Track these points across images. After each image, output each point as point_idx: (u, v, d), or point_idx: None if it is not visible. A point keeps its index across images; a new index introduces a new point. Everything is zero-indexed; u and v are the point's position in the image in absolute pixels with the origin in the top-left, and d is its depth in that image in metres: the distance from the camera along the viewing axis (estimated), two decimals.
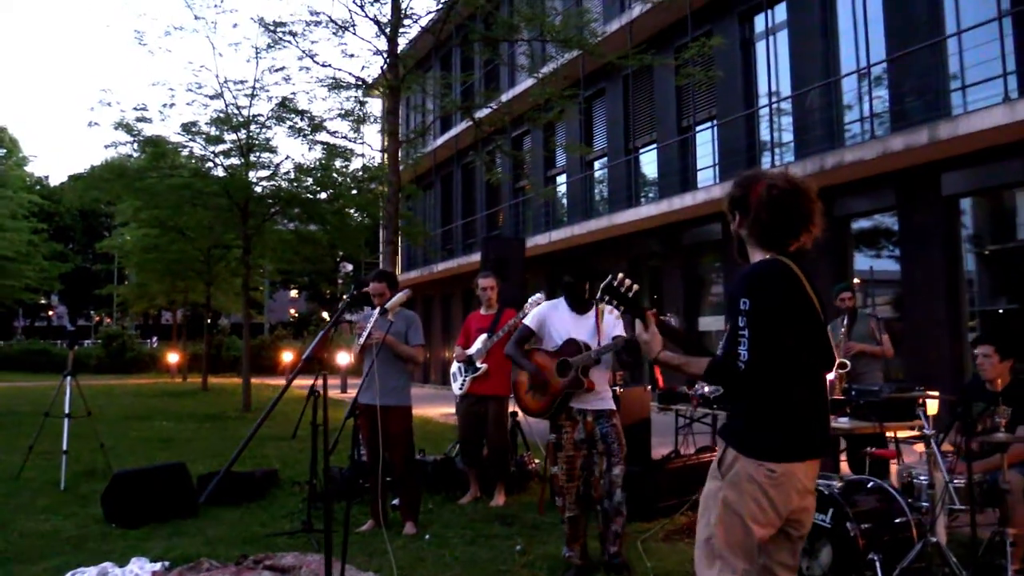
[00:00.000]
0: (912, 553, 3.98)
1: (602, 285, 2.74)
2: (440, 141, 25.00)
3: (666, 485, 6.12)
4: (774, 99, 14.12)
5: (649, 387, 7.05)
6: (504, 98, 16.92)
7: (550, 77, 11.14)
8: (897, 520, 4.19)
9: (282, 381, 5.47)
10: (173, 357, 28.20)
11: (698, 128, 15.82)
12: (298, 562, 4.91)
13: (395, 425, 5.77)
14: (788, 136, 13.89)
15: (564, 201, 20.36)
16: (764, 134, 14.45)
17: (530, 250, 19.38)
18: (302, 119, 13.64)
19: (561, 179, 20.62)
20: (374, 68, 10.25)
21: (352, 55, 12.81)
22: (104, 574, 4.36)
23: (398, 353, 5.72)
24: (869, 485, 4.42)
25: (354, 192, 16.09)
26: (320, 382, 5.54)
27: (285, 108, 13.38)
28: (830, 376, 6.36)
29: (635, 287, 2.75)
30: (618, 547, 4.67)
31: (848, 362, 6.50)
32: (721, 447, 2.66)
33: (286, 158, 15.13)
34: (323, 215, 15.55)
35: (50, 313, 52.15)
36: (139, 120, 13.56)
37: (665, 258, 16.44)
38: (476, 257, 21.74)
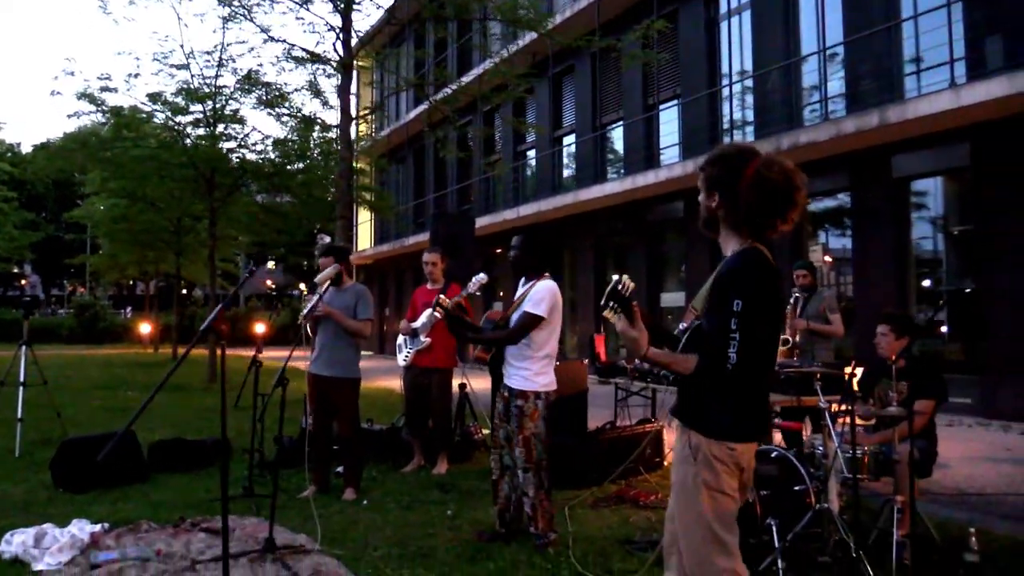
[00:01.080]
0: (805, 519, 4.23)
1: (607, 291, 2.64)
2: (412, 115, 24.98)
3: (600, 455, 6.36)
4: (736, 79, 14.30)
5: (587, 360, 7.26)
6: (467, 77, 16.96)
7: (515, 55, 11.24)
8: (796, 488, 4.44)
9: (252, 353, 5.67)
10: (145, 328, 28.20)
11: (663, 107, 15.98)
12: (235, 525, 5.11)
13: (341, 396, 5.97)
14: (750, 116, 14.09)
15: (536, 176, 20.50)
16: (727, 113, 14.64)
17: (498, 225, 19.65)
18: (267, 92, 13.63)
19: (532, 154, 20.74)
20: (329, 44, 10.29)
21: (312, 30, 12.78)
22: (42, 535, 4.52)
23: (345, 327, 5.90)
24: (773, 454, 4.66)
25: (321, 164, 16.10)
26: (262, 354, 5.76)
27: (249, 80, 13.37)
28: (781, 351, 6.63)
29: (632, 286, 2.68)
30: (535, 526, 4.66)
31: (790, 339, 6.73)
32: (681, 432, 2.70)
33: (252, 129, 15.09)
34: (290, 187, 15.61)
35: (23, 283, 51.70)
36: (103, 90, 13.51)
37: (630, 235, 16.65)
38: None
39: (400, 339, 7.09)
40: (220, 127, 14.69)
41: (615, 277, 2.63)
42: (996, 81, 9.18)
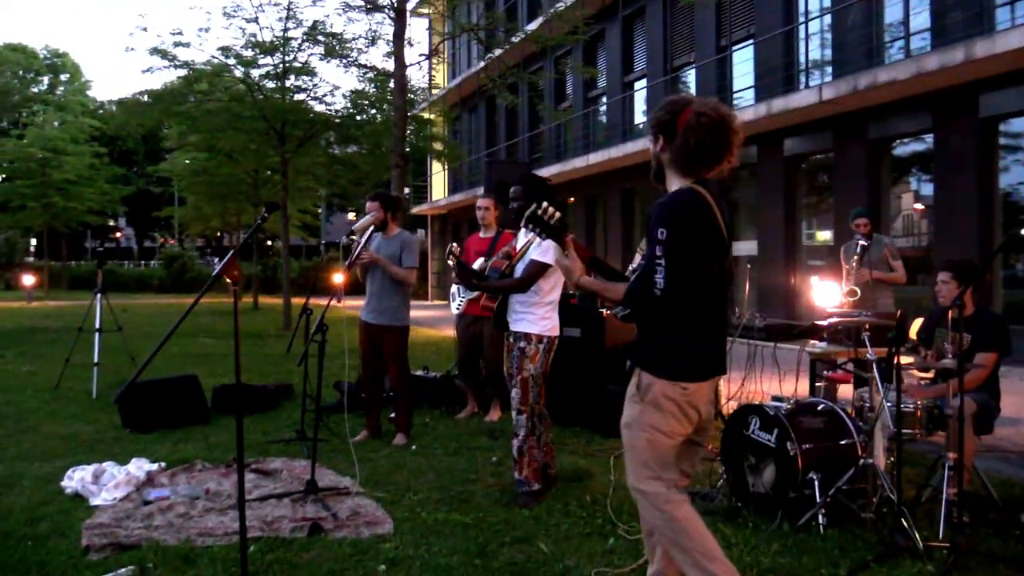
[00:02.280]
0: (847, 475, 4.09)
1: (526, 214, 2.87)
2: (483, 63, 24.72)
3: None
4: (813, 16, 13.61)
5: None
6: (535, 24, 16.60)
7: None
8: (843, 442, 4.29)
9: (332, 302, 5.80)
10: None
11: (736, 47, 15.37)
12: (284, 467, 5.27)
13: (389, 344, 6.04)
14: (828, 55, 13.42)
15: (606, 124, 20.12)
16: (803, 53, 13.98)
17: (568, 173, 19.42)
18: (333, 42, 13.68)
19: (604, 101, 20.33)
20: None
21: None
22: (101, 472, 4.75)
23: (390, 274, 5.93)
24: (819, 407, 4.51)
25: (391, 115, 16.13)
26: (314, 302, 5.85)
27: (315, 31, 13.44)
28: (841, 302, 6.38)
29: (557, 215, 2.88)
30: (519, 471, 4.59)
31: (858, 289, 6.45)
32: (635, 372, 2.78)
33: (321, 81, 15.20)
34: (358, 138, 15.73)
35: (117, 235, 54.04)
36: (176, 45, 13.79)
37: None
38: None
39: (453, 288, 7.10)
40: (291, 79, 14.88)
41: (534, 205, 2.86)
42: None
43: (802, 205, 14.14)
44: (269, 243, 37.46)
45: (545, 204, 2.88)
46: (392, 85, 12.80)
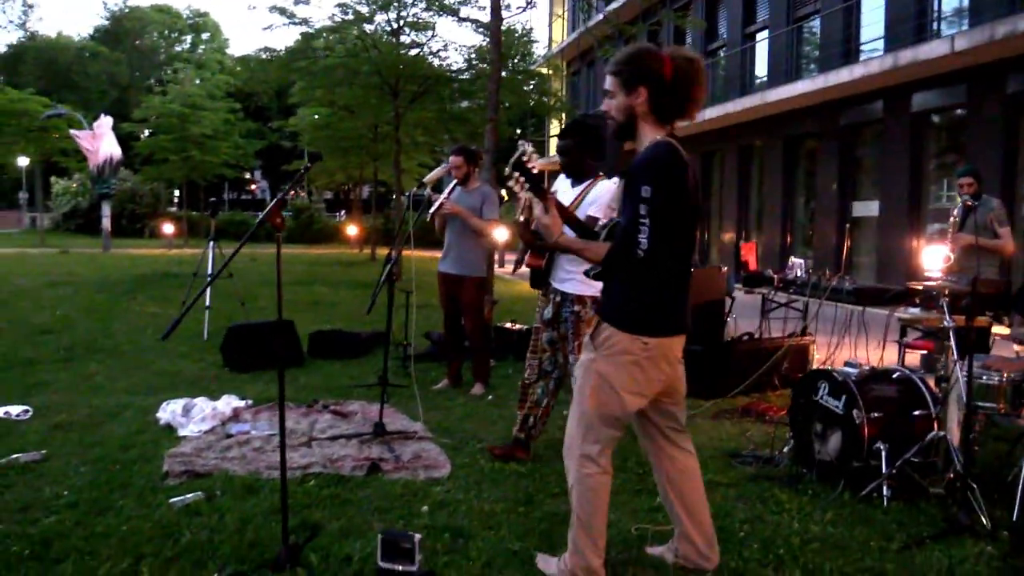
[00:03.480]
0: (916, 447, 3.89)
1: (512, 160, 2.82)
2: (599, 17, 24.28)
3: (733, 366, 6.15)
4: None
5: (725, 268, 6.93)
6: None
7: None
8: (916, 412, 4.07)
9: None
10: (352, 230, 30.18)
11: None
12: (361, 410, 5.49)
13: (467, 294, 6.15)
14: (964, 2, 12.42)
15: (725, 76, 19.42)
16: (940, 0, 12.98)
17: (683, 130, 18.85)
18: None
19: (723, 53, 19.61)
20: None
21: None
22: (191, 406, 5.10)
23: (470, 226, 6.01)
24: (895, 375, 4.29)
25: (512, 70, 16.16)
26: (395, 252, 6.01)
27: None
28: (934, 265, 6.02)
29: (537, 166, 2.85)
30: (517, 428, 4.56)
31: (951, 254, 6.04)
32: (596, 322, 2.78)
33: (434, 36, 15.34)
34: (471, 93, 15.84)
35: (253, 187, 56.73)
36: (296, 2, 14.22)
37: (821, 138, 15.47)
38: None
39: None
40: (406, 35, 15.12)
41: (521, 144, 2.77)
42: None
43: (930, 165, 13.26)
44: (395, 196, 38.41)
45: (528, 147, 2.83)
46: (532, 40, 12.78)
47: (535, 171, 2.82)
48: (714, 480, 4.15)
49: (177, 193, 39.92)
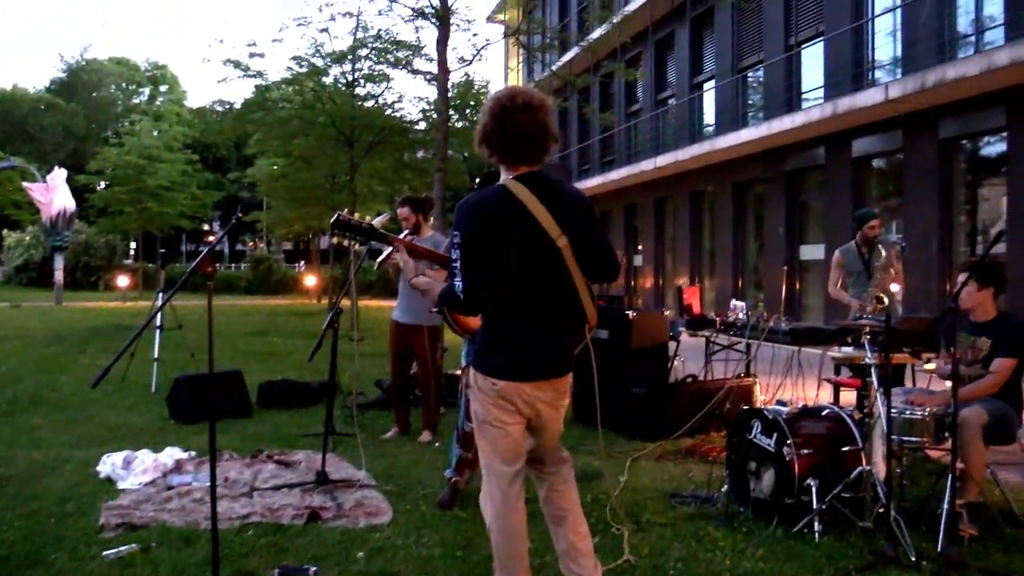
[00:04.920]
0: (843, 482, 4.00)
1: (331, 222, 3.18)
2: (555, 67, 24.86)
3: (678, 409, 6.23)
4: (882, 12, 13.19)
5: (667, 312, 7.08)
6: (596, 33, 16.56)
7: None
8: (844, 448, 4.19)
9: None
10: (310, 280, 30.07)
11: (805, 46, 15.00)
12: (306, 459, 5.47)
13: (420, 343, 6.19)
14: (898, 52, 12.96)
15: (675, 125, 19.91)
16: (877, 50, 13.53)
17: (635, 176, 19.33)
18: (398, 49, 14.02)
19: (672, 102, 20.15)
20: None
21: None
22: (132, 458, 5.04)
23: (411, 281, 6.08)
24: (824, 412, 4.42)
25: (458, 123, 16.43)
26: (344, 303, 6.04)
27: (380, 40, 13.82)
28: (869, 309, 6.22)
29: (366, 220, 3.16)
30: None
31: (885, 297, 6.25)
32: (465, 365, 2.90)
33: (387, 88, 15.60)
34: (425, 144, 16.06)
35: (210, 238, 56.36)
36: (251, 56, 14.38)
37: (768, 183, 15.90)
38: (591, 181, 21.76)
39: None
40: (368, 87, 15.35)
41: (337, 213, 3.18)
42: None
43: (872, 208, 13.67)
44: (347, 245, 38.26)
45: (345, 211, 3.12)
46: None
47: (364, 224, 3.00)
48: (652, 520, 4.22)
49: (133, 245, 39.49)
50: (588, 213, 2.84)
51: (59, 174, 25.18)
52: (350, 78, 15.20)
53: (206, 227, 50.07)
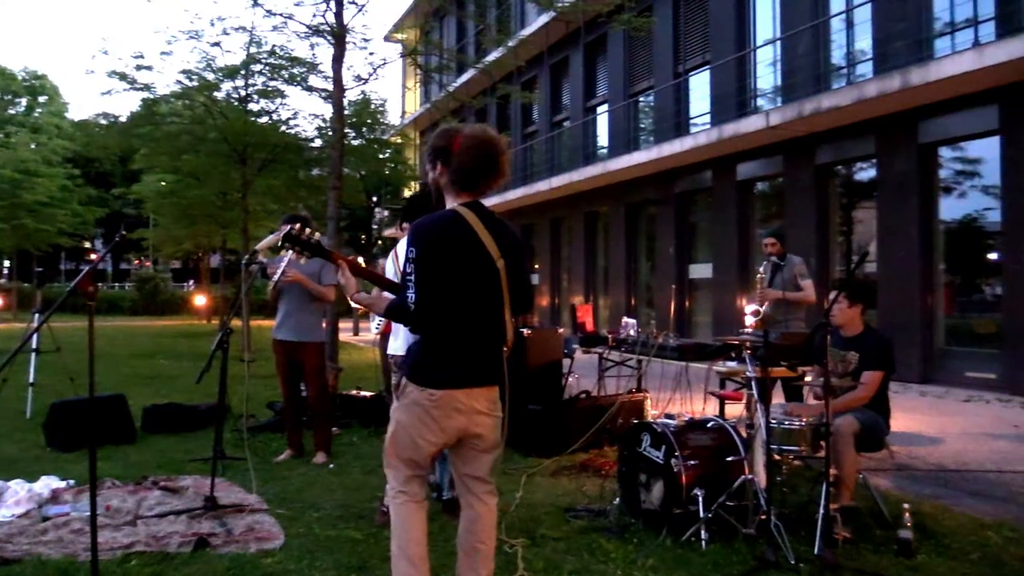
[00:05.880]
0: (728, 491, 4.17)
1: (282, 235, 3.18)
2: (453, 87, 24.99)
3: (572, 425, 6.33)
4: (763, 43, 13.90)
5: (562, 329, 7.23)
6: (492, 56, 16.80)
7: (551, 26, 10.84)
8: (729, 459, 4.37)
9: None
10: (200, 300, 29.11)
11: (693, 73, 15.64)
12: (194, 484, 5.29)
13: (309, 360, 6.12)
14: (779, 82, 13.68)
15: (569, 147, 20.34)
16: (759, 79, 14.23)
17: (531, 197, 19.61)
18: (293, 66, 13.82)
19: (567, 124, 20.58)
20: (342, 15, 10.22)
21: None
22: (4, 488, 4.77)
23: (311, 291, 6.02)
24: (710, 424, 4.60)
25: (355, 141, 16.31)
26: (235, 322, 5.89)
27: (274, 55, 13.59)
28: (753, 322, 6.50)
29: (316, 235, 3.16)
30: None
31: (760, 308, 6.57)
32: (398, 374, 2.99)
33: (281, 105, 15.33)
34: (320, 161, 15.84)
35: (92, 257, 53.82)
36: (137, 68, 13.86)
37: (659, 204, 16.42)
38: (489, 201, 21.96)
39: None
40: (262, 103, 15.01)
41: (290, 227, 3.14)
42: (1022, 39, 8.71)
43: (756, 229, 14.33)
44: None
45: (298, 226, 3.14)
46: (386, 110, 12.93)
47: (313, 240, 3.05)
48: (547, 535, 4.28)
49: (8, 263, 37.24)
50: (520, 245, 3.11)
51: None
52: (243, 93, 14.85)
53: (87, 245, 47.75)
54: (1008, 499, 5.17)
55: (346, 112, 15.20)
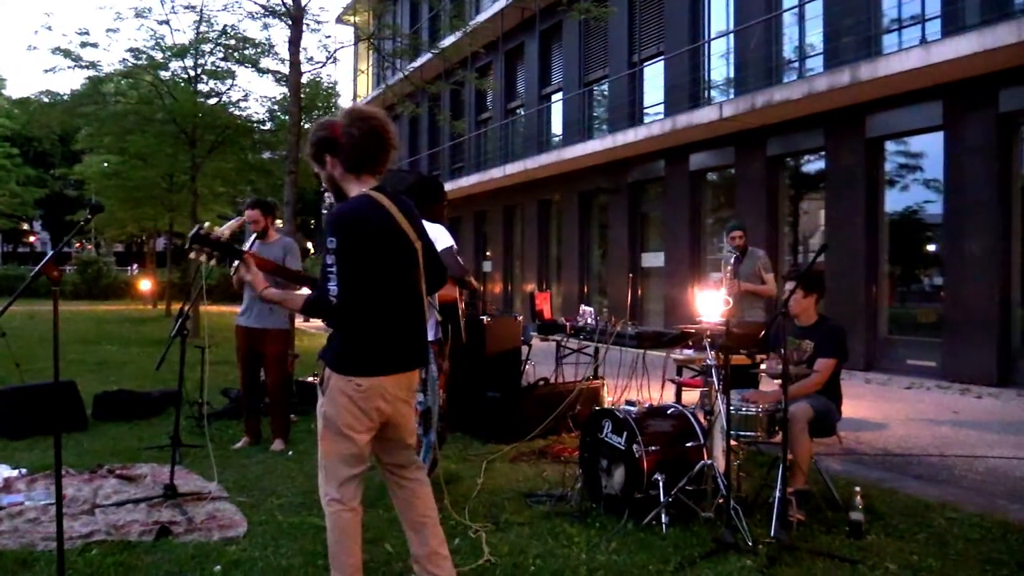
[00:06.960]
0: (687, 475, 4.27)
1: (189, 236, 3.10)
2: (407, 71, 24.79)
3: (531, 411, 6.39)
4: (717, 35, 14.08)
5: (520, 317, 7.28)
6: (450, 39, 16.74)
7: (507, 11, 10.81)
8: (688, 444, 4.47)
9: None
10: (145, 284, 28.46)
11: (647, 64, 15.78)
12: (151, 472, 5.23)
13: (272, 348, 6.07)
14: (732, 74, 13.88)
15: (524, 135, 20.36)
16: (712, 71, 14.42)
17: (485, 183, 19.60)
18: (245, 47, 13.57)
19: (521, 112, 20.59)
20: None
21: None
22: None
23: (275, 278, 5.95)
24: (669, 411, 4.70)
25: (307, 125, 16.07)
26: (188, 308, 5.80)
27: (226, 36, 13.33)
28: (715, 311, 6.62)
29: (224, 233, 3.22)
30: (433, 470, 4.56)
31: (729, 299, 6.71)
32: (321, 368, 2.93)
33: (232, 86, 15.05)
34: (272, 144, 15.62)
35: (32, 239, 52.17)
36: (83, 45, 13.47)
37: (612, 193, 16.57)
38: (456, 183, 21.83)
39: None
40: (209, 83, 14.73)
41: (197, 226, 3.12)
42: (966, 38, 8.99)
43: (708, 219, 14.56)
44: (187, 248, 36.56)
45: (207, 224, 3.10)
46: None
47: (222, 238, 3.04)
48: (510, 520, 4.33)
49: None
50: (420, 218, 3.08)
51: None
52: (192, 73, 14.54)
53: (25, 227, 46.30)
54: (950, 482, 5.38)
55: (283, 95, 15.01)
